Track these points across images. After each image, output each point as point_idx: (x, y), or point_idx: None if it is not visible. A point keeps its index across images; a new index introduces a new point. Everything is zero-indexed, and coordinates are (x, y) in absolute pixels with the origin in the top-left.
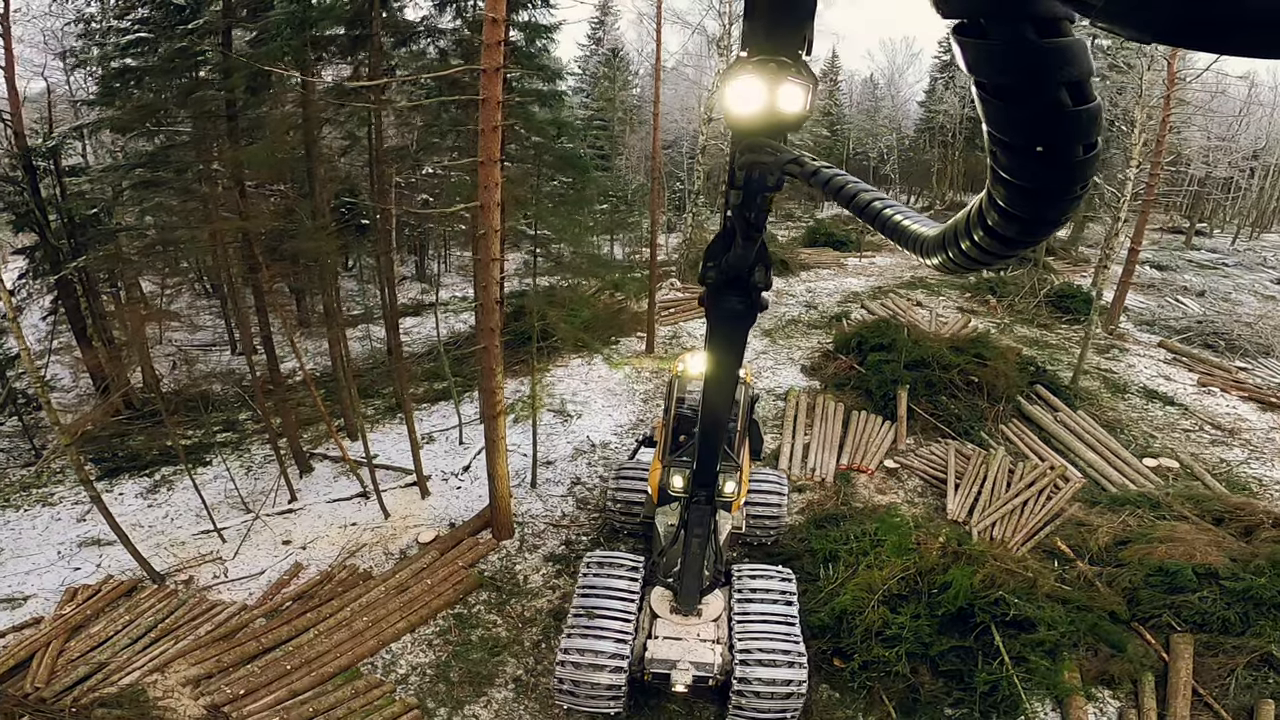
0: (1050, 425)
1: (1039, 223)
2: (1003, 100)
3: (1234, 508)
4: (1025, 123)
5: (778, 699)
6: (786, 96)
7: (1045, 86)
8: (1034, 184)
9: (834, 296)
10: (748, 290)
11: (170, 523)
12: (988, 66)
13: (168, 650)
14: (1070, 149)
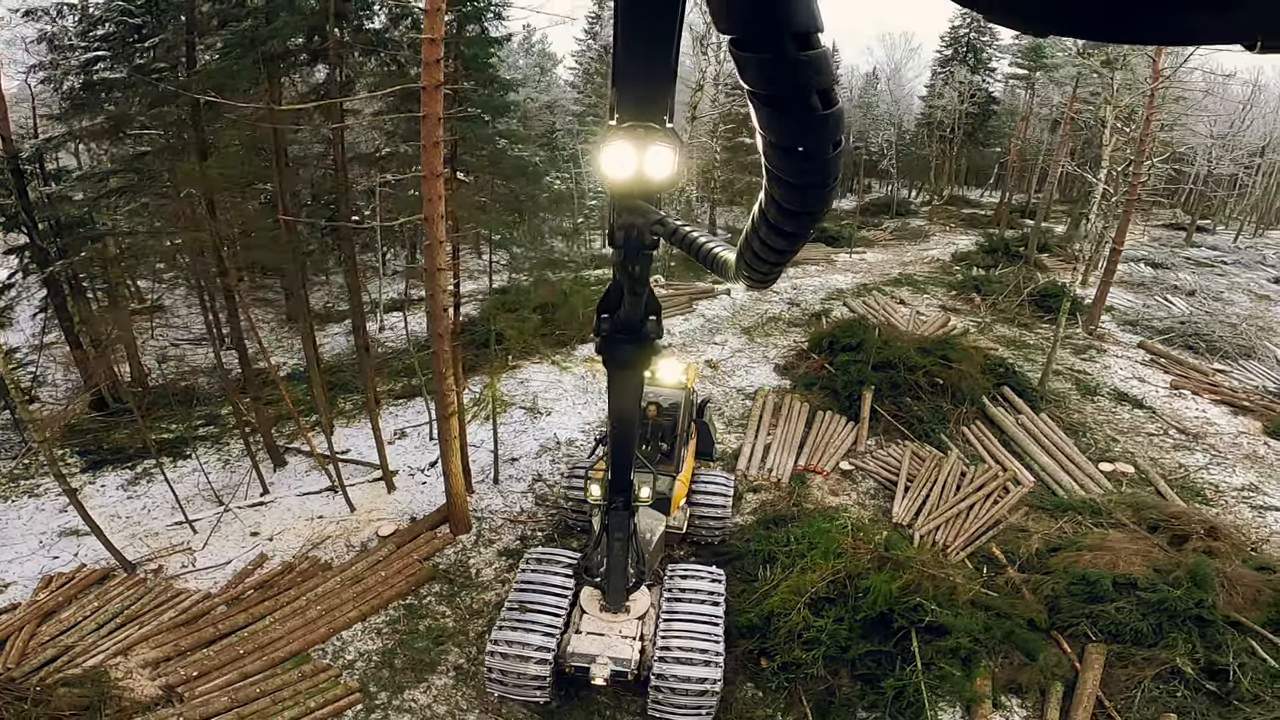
0: (1011, 428)
1: (808, 215)
2: (771, 107)
3: (1170, 516)
4: (790, 126)
5: (693, 695)
6: (655, 160)
7: (803, 93)
8: (800, 180)
9: (819, 294)
10: (641, 339)
11: (147, 514)
12: (758, 77)
13: (131, 635)
14: (824, 148)
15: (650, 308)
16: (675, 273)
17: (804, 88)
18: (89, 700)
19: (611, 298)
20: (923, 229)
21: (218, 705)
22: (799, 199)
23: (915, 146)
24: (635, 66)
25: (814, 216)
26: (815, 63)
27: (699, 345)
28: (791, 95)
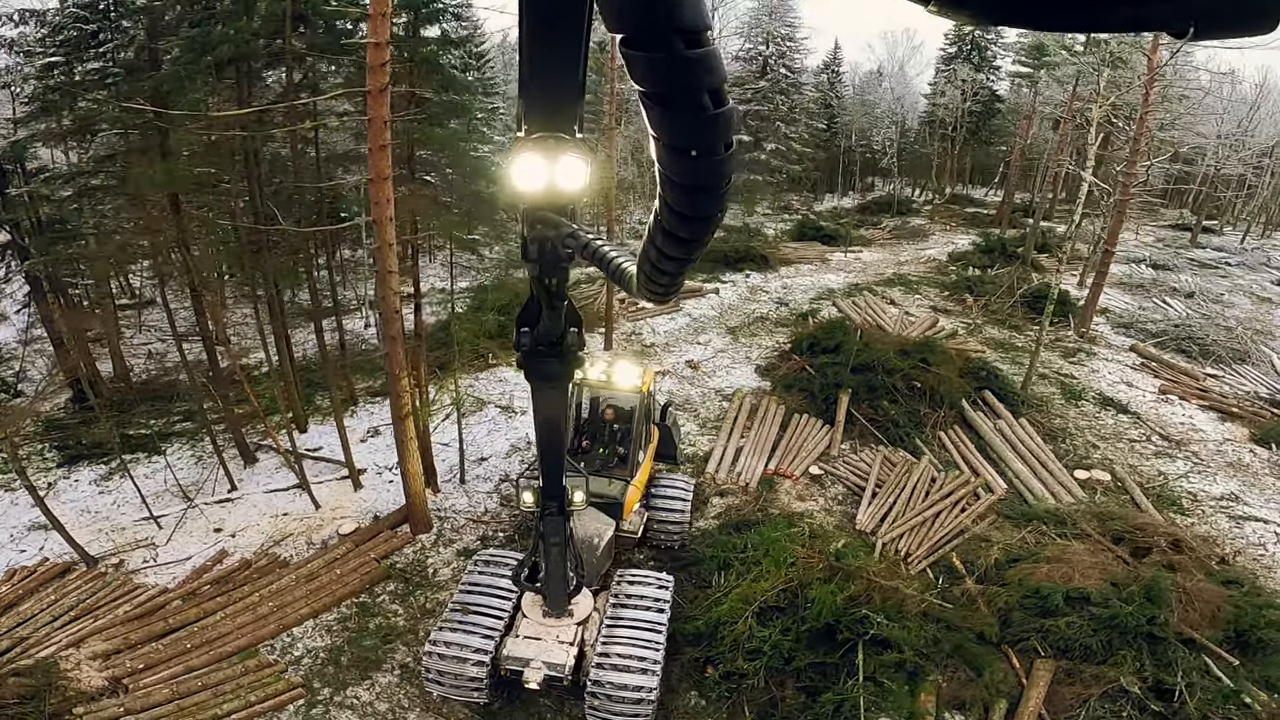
0: (988, 433)
1: (703, 220)
2: (661, 106)
3: (1135, 527)
4: (680, 127)
5: (628, 703)
6: (566, 172)
7: (693, 93)
8: (693, 182)
9: (809, 293)
10: (563, 353)
11: (116, 509)
12: (647, 76)
13: (85, 628)
14: (716, 148)
15: (570, 320)
16: None
17: (694, 86)
18: (35, 689)
19: (530, 312)
20: (922, 228)
21: (159, 697)
22: (693, 203)
23: (918, 145)
24: (541, 77)
25: (709, 221)
26: (705, 61)
27: (682, 345)
28: (681, 94)
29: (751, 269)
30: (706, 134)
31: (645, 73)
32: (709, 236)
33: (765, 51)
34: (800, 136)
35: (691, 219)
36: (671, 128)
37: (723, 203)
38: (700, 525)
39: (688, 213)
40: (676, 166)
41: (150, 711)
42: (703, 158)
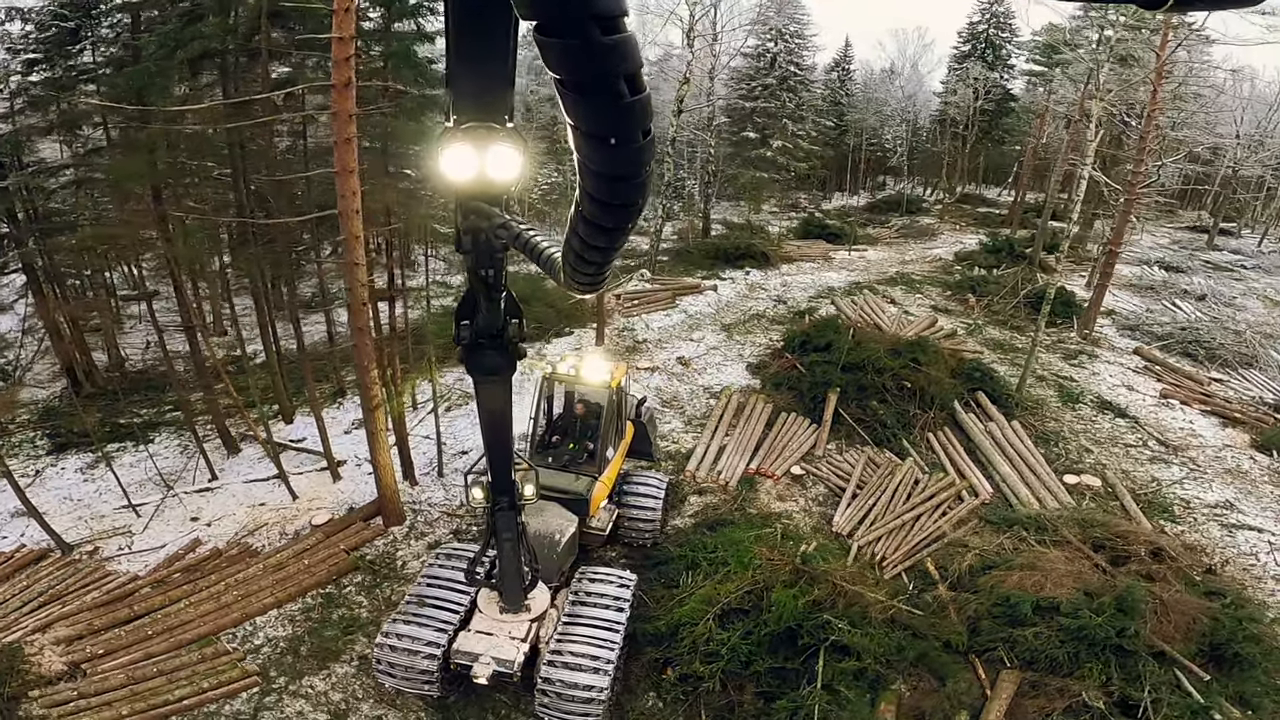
0: (977, 435)
1: (624, 208)
2: (577, 94)
3: (1116, 535)
4: (597, 114)
5: (578, 702)
6: (498, 161)
7: (609, 79)
8: (612, 170)
9: (808, 291)
10: (504, 345)
11: (99, 497)
12: (563, 63)
13: (53, 613)
14: (634, 136)
15: (511, 311)
16: (665, 268)
17: (610, 73)
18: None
19: (469, 304)
20: (931, 227)
21: (114, 682)
22: (613, 191)
23: (929, 143)
24: (469, 67)
25: (630, 210)
26: (620, 47)
27: (675, 341)
28: (597, 81)
29: (752, 266)
30: (624, 121)
31: (560, 60)
32: (631, 225)
33: (773, 48)
34: (808, 134)
35: (613, 207)
36: (589, 115)
37: (644, 190)
38: (676, 524)
39: (609, 201)
40: (595, 155)
41: (103, 696)
42: (621, 145)
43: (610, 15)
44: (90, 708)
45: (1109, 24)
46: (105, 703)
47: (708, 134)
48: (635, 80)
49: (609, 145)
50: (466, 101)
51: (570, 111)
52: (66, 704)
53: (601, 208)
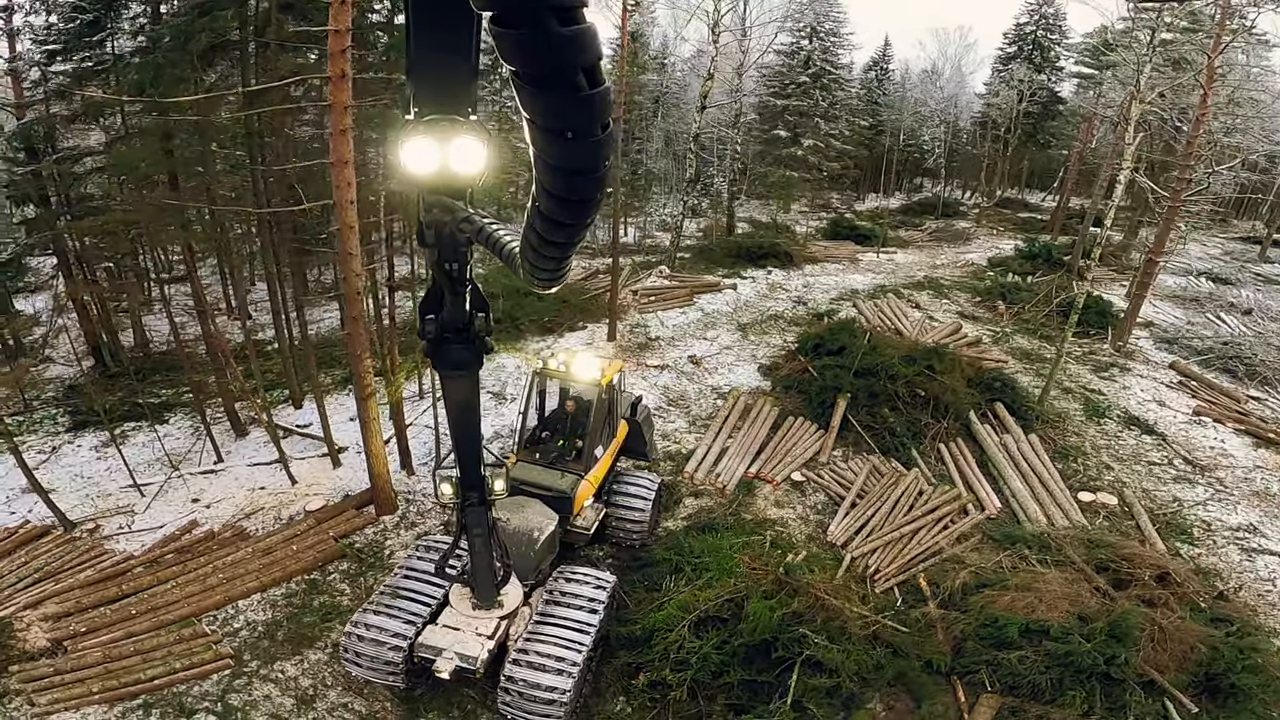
0: (991, 448)
1: (582, 203)
2: (534, 86)
3: (1122, 557)
4: (555, 107)
5: (540, 703)
6: (461, 154)
7: (567, 72)
8: (570, 164)
9: (830, 293)
10: (471, 338)
11: (108, 475)
12: (519, 55)
13: (46, 590)
14: (592, 130)
15: (477, 305)
16: (685, 265)
17: (568, 65)
18: None
19: (434, 298)
20: (967, 231)
21: (91, 659)
22: (571, 186)
23: (970, 145)
24: (430, 57)
25: (588, 205)
26: (579, 39)
27: (689, 339)
28: (555, 73)
29: (774, 266)
30: (582, 115)
31: (516, 52)
32: (589, 220)
33: (808, 46)
34: (841, 134)
35: (570, 203)
36: (545, 109)
37: (602, 185)
38: (668, 526)
39: (566, 196)
40: (552, 149)
41: (79, 672)
42: (579, 139)
43: (568, 6)
44: (64, 684)
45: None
46: (79, 679)
47: (734, 131)
48: (594, 73)
49: (566, 139)
50: (427, 93)
51: (526, 105)
52: (41, 679)
53: (559, 203)
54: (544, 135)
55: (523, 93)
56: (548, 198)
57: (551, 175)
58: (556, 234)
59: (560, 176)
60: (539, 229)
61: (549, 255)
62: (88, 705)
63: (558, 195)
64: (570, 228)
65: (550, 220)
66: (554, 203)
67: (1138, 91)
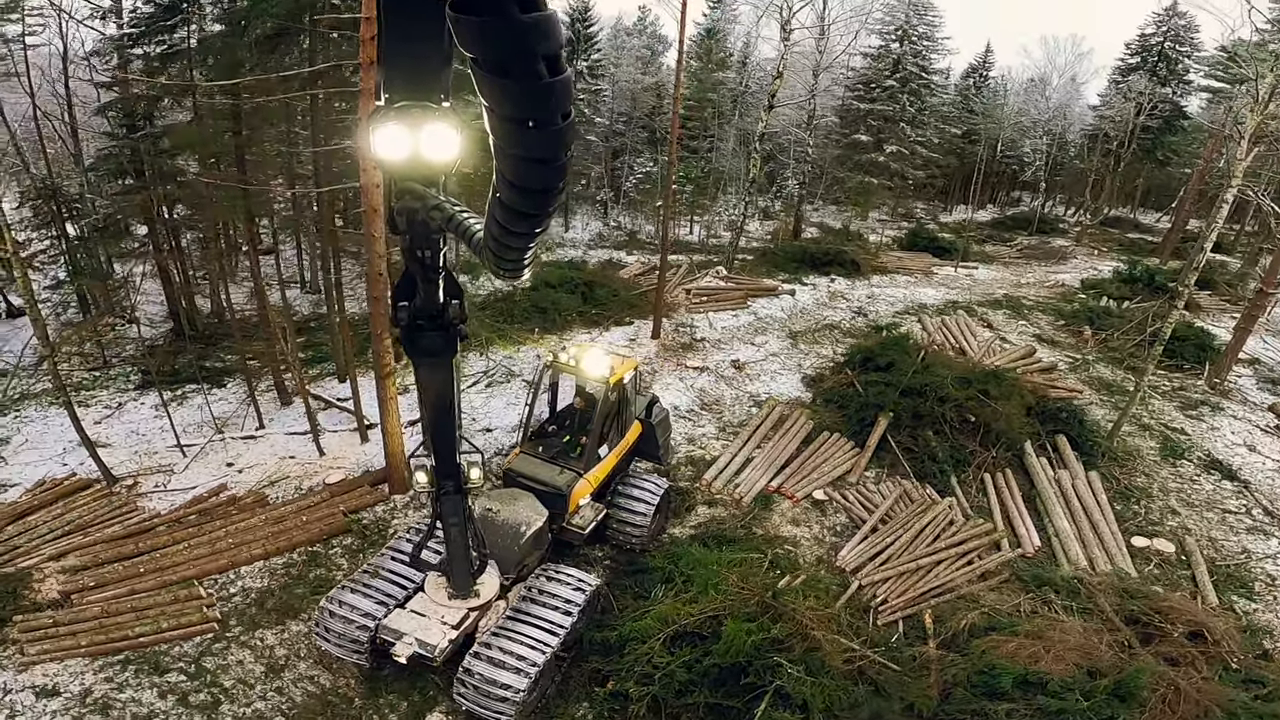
0: (1042, 483)
1: (543, 193)
2: (495, 74)
3: (1157, 609)
4: (515, 95)
5: (493, 699)
6: (433, 141)
7: (528, 59)
8: (530, 154)
9: (895, 306)
10: (445, 325)
11: (160, 434)
12: (479, 41)
13: (74, 542)
14: (553, 118)
15: (451, 292)
16: (744, 267)
17: (529, 53)
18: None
19: (407, 285)
20: (1062, 250)
21: (89, 614)
22: (532, 176)
23: (1076, 159)
24: (402, 44)
25: (549, 195)
26: (540, 26)
27: (736, 343)
28: (516, 61)
29: (839, 274)
30: (543, 103)
31: (476, 38)
32: (552, 209)
33: (898, 49)
34: (929, 141)
35: (531, 192)
36: (506, 97)
37: (563, 175)
38: (675, 532)
39: (527, 186)
40: (513, 138)
41: (74, 625)
42: (540, 128)
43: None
44: (58, 635)
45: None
46: (71, 632)
47: (807, 133)
48: (555, 60)
49: (527, 128)
50: (399, 80)
51: (486, 93)
52: (38, 630)
53: (520, 193)
54: (504, 124)
55: (482, 81)
56: (509, 188)
57: (512, 165)
58: (518, 224)
59: (521, 166)
60: (500, 219)
61: (512, 246)
62: (73, 658)
63: (518, 185)
64: (532, 218)
65: (511, 210)
66: (515, 193)
67: (1256, 101)
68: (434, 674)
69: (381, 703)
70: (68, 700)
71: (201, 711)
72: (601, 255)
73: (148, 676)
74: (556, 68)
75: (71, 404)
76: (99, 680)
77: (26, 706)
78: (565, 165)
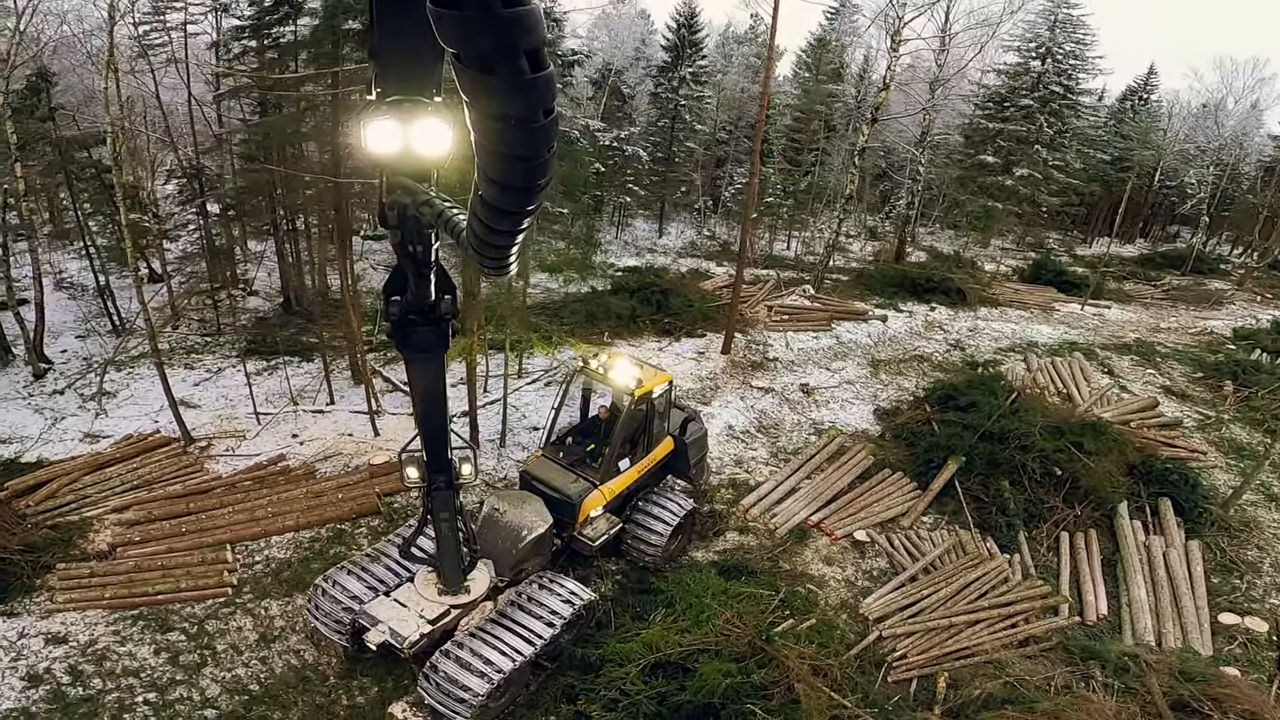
0: (1128, 548)
1: (525, 190)
2: (476, 69)
3: (1212, 696)
4: (497, 91)
5: (453, 699)
6: (424, 136)
7: (510, 54)
8: (512, 151)
9: (1000, 342)
10: (437, 320)
11: (244, 401)
12: (460, 36)
13: (139, 497)
14: (535, 115)
15: (443, 287)
16: (836, 287)
17: (511, 48)
18: (54, 540)
19: (399, 280)
20: (1219, 294)
21: (122, 568)
22: (514, 173)
23: (1250, 194)
24: (393, 40)
25: (531, 192)
26: (522, 21)
27: (809, 366)
28: (498, 56)
29: (940, 302)
30: (525, 99)
31: (457, 33)
32: (534, 208)
33: (1038, 67)
34: (1069, 166)
35: (513, 189)
36: (487, 93)
37: (545, 171)
38: (698, 556)
39: (508, 183)
40: (494, 134)
41: (106, 578)
42: (521, 125)
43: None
44: (88, 586)
45: None
46: (101, 585)
47: (920, 150)
48: (538, 56)
49: (509, 124)
50: (391, 75)
51: (467, 89)
52: (73, 580)
53: (501, 190)
54: (486, 120)
55: (463, 76)
56: (490, 184)
57: (494, 162)
58: (501, 222)
59: (503, 163)
60: (483, 217)
61: (495, 243)
62: (93, 609)
63: (500, 182)
64: (514, 215)
65: (494, 208)
66: (497, 190)
67: None
68: (415, 664)
69: (354, 685)
70: (71, 649)
71: (185, 671)
72: (690, 264)
73: (152, 633)
74: (539, 63)
75: (162, 366)
76: (107, 633)
77: (33, 651)
78: (548, 162)
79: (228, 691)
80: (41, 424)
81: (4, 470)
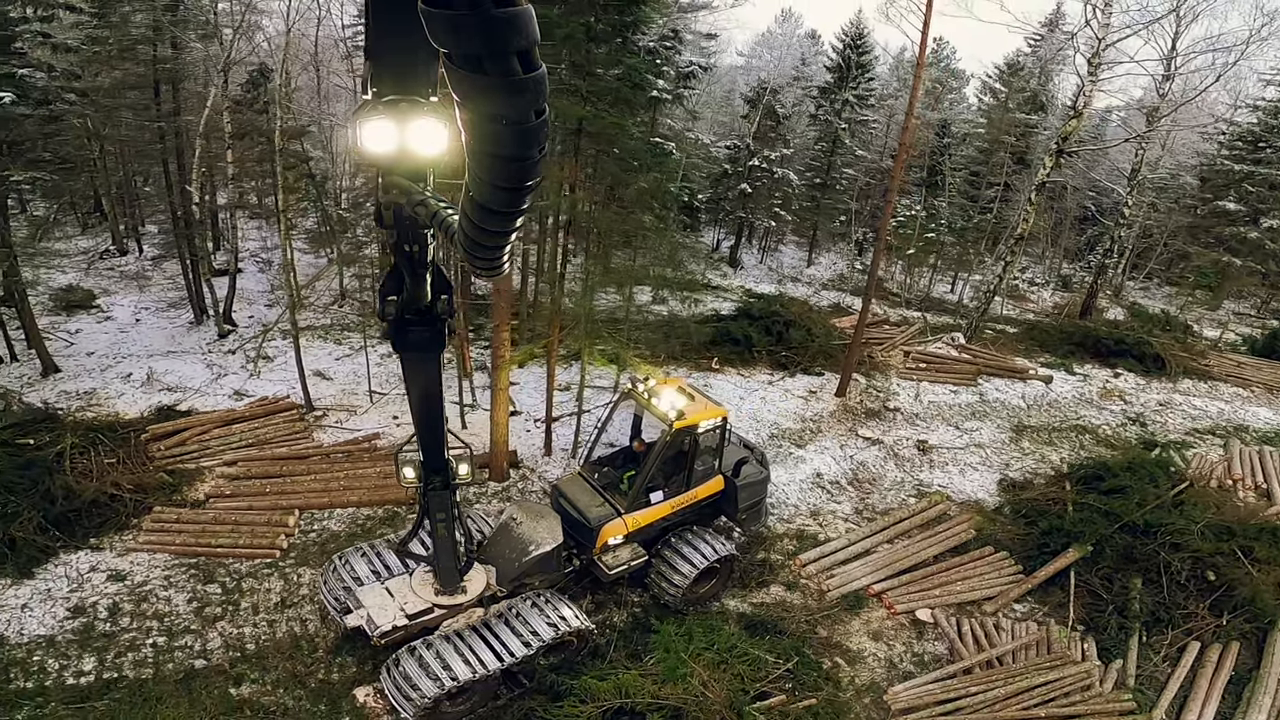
0: (1269, 664)
1: (515, 191)
2: (467, 69)
3: None
4: (488, 91)
5: (403, 695)
6: (420, 136)
7: (501, 54)
8: (502, 151)
9: (1196, 422)
10: (433, 320)
11: (373, 377)
12: (451, 36)
13: (250, 454)
14: (526, 116)
15: (440, 287)
16: (995, 338)
17: (502, 48)
18: (166, 484)
19: (395, 279)
20: None
21: (206, 518)
22: (504, 173)
23: None
24: (390, 39)
25: (521, 193)
26: (514, 20)
27: (935, 422)
28: (489, 56)
29: (1130, 368)
30: (516, 100)
31: (448, 32)
32: (524, 209)
33: None
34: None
35: (503, 191)
36: (478, 93)
37: (536, 172)
38: (731, 605)
39: (499, 184)
40: (485, 135)
41: (188, 525)
42: (512, 125)
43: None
44: (168, 531)
45: None
46: (180, 531)
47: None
48: (529, 56)
49: (499, 124)
50: (387, 74)
51: (458, 89)
52: (160, 524)
53: (492, 191)
54: (476, 120)
55: (454, 76)
56: (480, 185)
57: (484, 162)
58: (491, 222)
59: (494, 163)
60: (474, 218)
61: (486, 244)
62: (160, 553)
63: (490, 183)
64: (505, 216)
65: (484, 209)
66: (487, 190)
67: None
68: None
69: (336, 661)
70: (123, 587)
71: (203, 622)
72: (833, 297)
73: (195, 583)
74: (530, 63)
75: (298, 339)
76: (159, 576)
77: (92, 586)
78: (539, 163)
79: (226, 646)
80: (208, 378)
81: (160, 414)
